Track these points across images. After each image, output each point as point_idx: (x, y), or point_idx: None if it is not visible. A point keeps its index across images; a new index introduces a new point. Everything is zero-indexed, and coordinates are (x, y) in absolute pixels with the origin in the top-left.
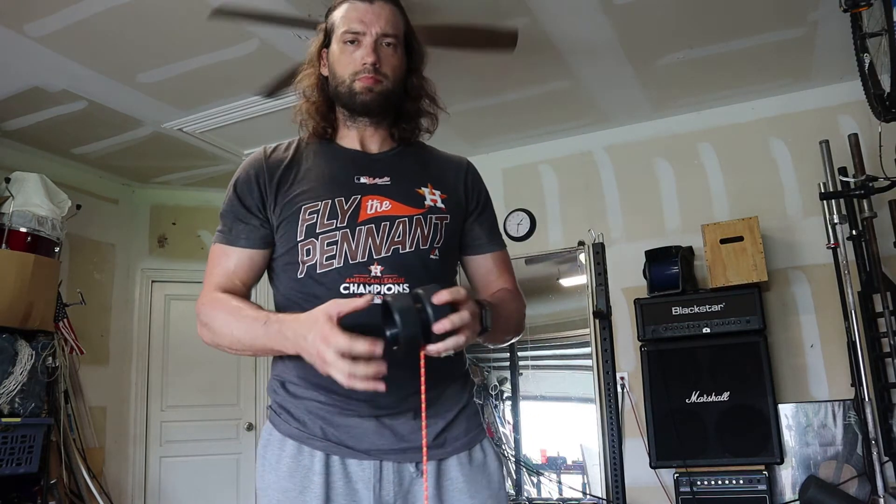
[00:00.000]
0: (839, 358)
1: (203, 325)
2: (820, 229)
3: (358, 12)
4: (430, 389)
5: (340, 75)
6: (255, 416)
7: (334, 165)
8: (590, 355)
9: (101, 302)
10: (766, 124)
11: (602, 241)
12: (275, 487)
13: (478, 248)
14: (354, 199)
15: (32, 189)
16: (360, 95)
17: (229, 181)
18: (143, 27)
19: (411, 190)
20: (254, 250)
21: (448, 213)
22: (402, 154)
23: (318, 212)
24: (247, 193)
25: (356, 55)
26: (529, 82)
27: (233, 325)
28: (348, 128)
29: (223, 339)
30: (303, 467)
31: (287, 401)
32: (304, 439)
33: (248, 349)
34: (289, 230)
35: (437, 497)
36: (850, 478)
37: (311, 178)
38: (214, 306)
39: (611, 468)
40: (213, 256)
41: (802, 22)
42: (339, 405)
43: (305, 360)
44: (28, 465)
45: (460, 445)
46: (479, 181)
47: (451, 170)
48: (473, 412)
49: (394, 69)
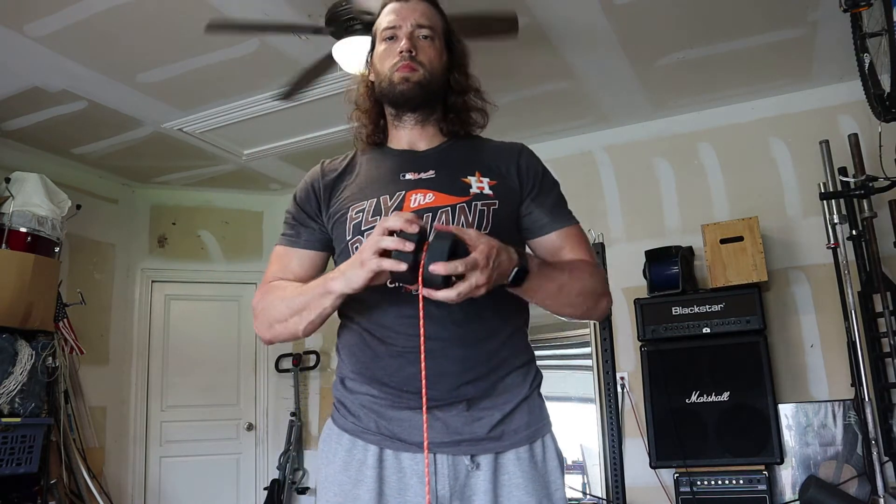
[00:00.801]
0: (839, 358)
1: (255, 317)
2: (820, 229)
3: (394, 10)
4: (486, 377)
5: (382, 71)
6: (255, 416)
7: (382, 167)
8: (590, 355)
9: (101, 302)
10: (766, 124)
11: (602, 241)
12: (331, 481)
13: (540, 228)
14: (398, 196)
15: (32, 189)
16: (399, 86)
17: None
18: (143, 27)
19: (456, 180)
20: (312, 251)
21: (497, 199)
22: (451, 147)
23: (364, 210)
24: (305, 201)
25: (394, 48)
26: (529, 82)
27: (289, 295)
28: (397, 128)
29: (273, 313)
30: (356, 461)
31: (344, 396)
32: (359, 433)
33: (296, 311)
34: (340, 232)
35: (493, 492)
36: (850, 478)
37: (360, 182)
38: (267, 292)
39: (611, 468)
40: (273, 257)
41: (802, 22)
42: (391, 398)
43: (361, 355)
44: (28, 465)
45: (520, 439)
46: (536, 163)
47: (504, 156)
48: (538, 405)
49: (431, 60)
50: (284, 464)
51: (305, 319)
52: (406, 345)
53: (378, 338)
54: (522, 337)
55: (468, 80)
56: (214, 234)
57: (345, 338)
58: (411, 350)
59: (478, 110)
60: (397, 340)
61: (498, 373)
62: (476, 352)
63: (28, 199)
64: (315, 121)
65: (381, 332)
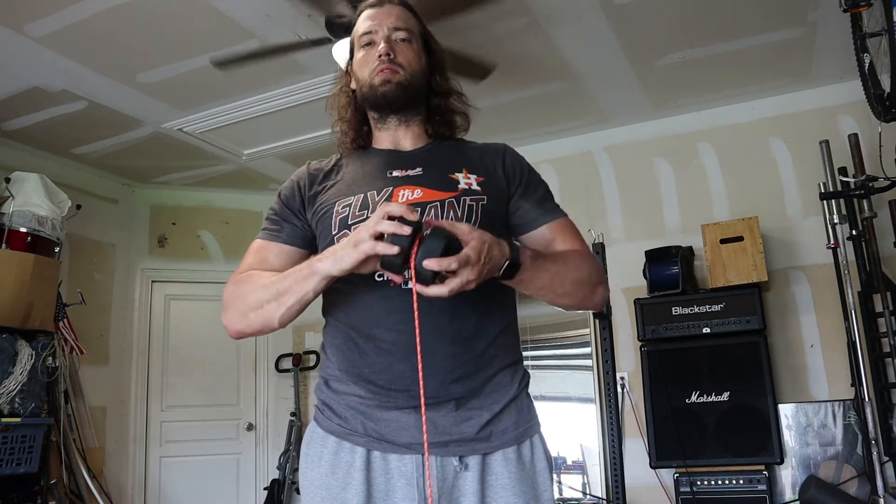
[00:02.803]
0: (839, 358)
1: (226, 308)
2: (820, 229)
3: (369, 16)
4: (474, 375)
5: (362, 77)
6: (255, 416)
7: (368, 165)
8: (590, 355)
9: (101, 302)
10: (766, 124)
11: (602, 241)
12: (317, 484)
13: (531, 222)
14: (386, 191)
15: (32, 189)
16: (380, 88)
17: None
18: (143, 27)
19: (444, 176)
20: (292, 247)
21: (485, 195)
22: (437, 147)
23: (351, 205)
24: (290, 198)
25: (372, 53)
26: (529, 82)
27: (266, 283)
28: (380, 130)
29: (248, 299)
30: (344, 464)
31: (329, 397)
32: (346, 435)
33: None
34: (325, 226)
35: (480, 493)
36: (850, 478)
37: (346, 180)
38: (240, 281)
39: (611, 468)
40: (251, 249)
41: (802, 22)
42: (378, 397)
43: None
44: (28, 465)
45: (508, 440)
46: (520, 160)
47: (489, 155)
48: (526, 405)
49: (410, 61)
50: (284, 464)
51: (284, 305)
52: (394, 341)
53: (365, 335)
54: (510, 337)
55: (449, 84)
56: (214, 234)
57: (330, 336)
58: (400, 347)
59: (460, 113)
60: (386, 336)
61: (486, 371)
62: (464, 349)
63: (28, 199)
64: (315, 121)
65: (368, 329)
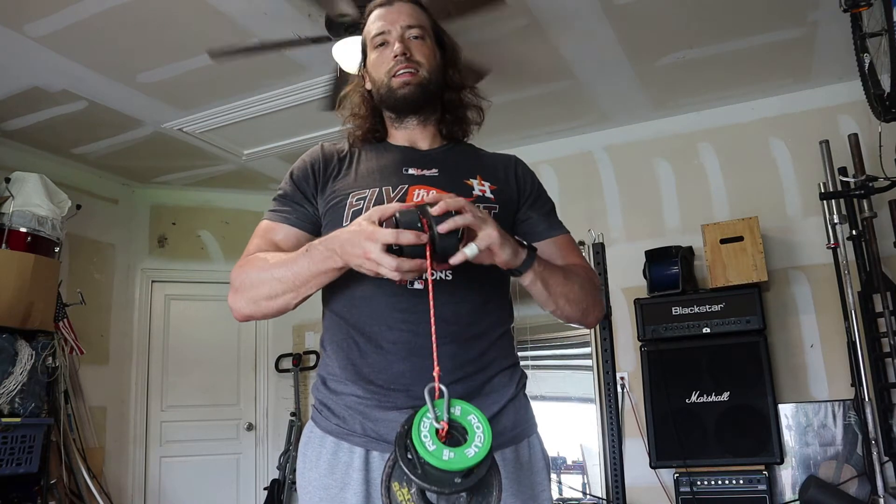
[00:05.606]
0: (839, 358)
1: (235, 291)
2: (820, 229)
3: (380, 16)
4: (473, 376)
5: (379, 78)
6: (255, 416)
7: (384, 159)
8: (590, 355)
9: (101, 302)
10: (766, 124)
11: (602, 241)
12: (315, 484)
13: (537, 234)
14: (401, 189)
15: (32, 189)
16: (400, 90)
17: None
18: (143, 27)
19: (459, 181)
20: (300, 230)
21: (497, 204)
22: (452, 150)
23: (365, 199)
24: (302, 180)
25: (387, 53)
26: (529, 82)
27: (272, 269)
28: (397, 129)
29: (262, 289)
30: (343, 464)
31: (327, 397)
32: (344, 435)
33: (291, 287)
34: (336, 217)
35: None
36: (850, 478)
37: (361, 171)
38: (247, 264)
39: (611, 468)
40: (258, 230)
41: (802, 22)
42: (377, 397)
43: (348, 351)
44: (28, 465)
45: (506, 440)
46: (530, 173)
47: (501, 164)
48: (523, 405)
49: (426, 57)
50: (284, 464)
51: (290, 294)
52: (396, 340)
53: (366, 333)
54: (509, 340)
55: (462, 77)
56: (214, 234)
57: (331, 333)
58: (401, 346)
59: (474, 107)
60: (387, 335)
61: (486, 373)
62: (466, 350)
63: (28, 199)
64: (315, 121)
65: (370, 327)
